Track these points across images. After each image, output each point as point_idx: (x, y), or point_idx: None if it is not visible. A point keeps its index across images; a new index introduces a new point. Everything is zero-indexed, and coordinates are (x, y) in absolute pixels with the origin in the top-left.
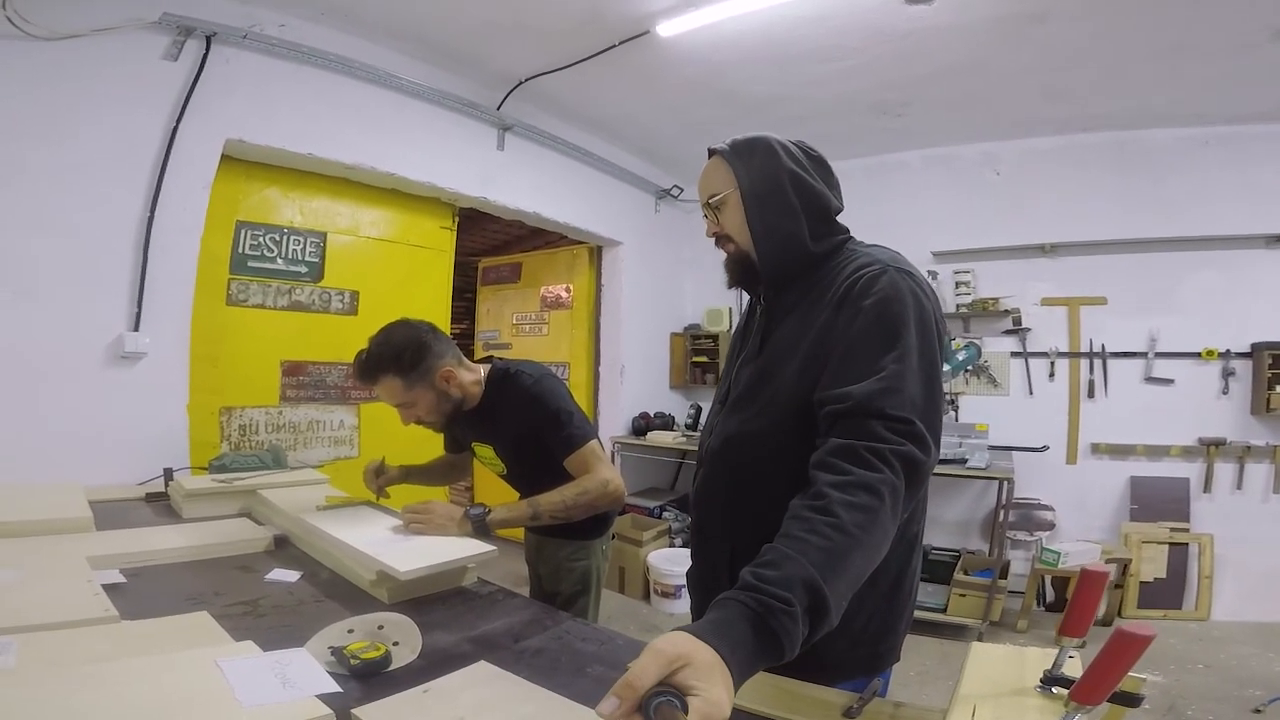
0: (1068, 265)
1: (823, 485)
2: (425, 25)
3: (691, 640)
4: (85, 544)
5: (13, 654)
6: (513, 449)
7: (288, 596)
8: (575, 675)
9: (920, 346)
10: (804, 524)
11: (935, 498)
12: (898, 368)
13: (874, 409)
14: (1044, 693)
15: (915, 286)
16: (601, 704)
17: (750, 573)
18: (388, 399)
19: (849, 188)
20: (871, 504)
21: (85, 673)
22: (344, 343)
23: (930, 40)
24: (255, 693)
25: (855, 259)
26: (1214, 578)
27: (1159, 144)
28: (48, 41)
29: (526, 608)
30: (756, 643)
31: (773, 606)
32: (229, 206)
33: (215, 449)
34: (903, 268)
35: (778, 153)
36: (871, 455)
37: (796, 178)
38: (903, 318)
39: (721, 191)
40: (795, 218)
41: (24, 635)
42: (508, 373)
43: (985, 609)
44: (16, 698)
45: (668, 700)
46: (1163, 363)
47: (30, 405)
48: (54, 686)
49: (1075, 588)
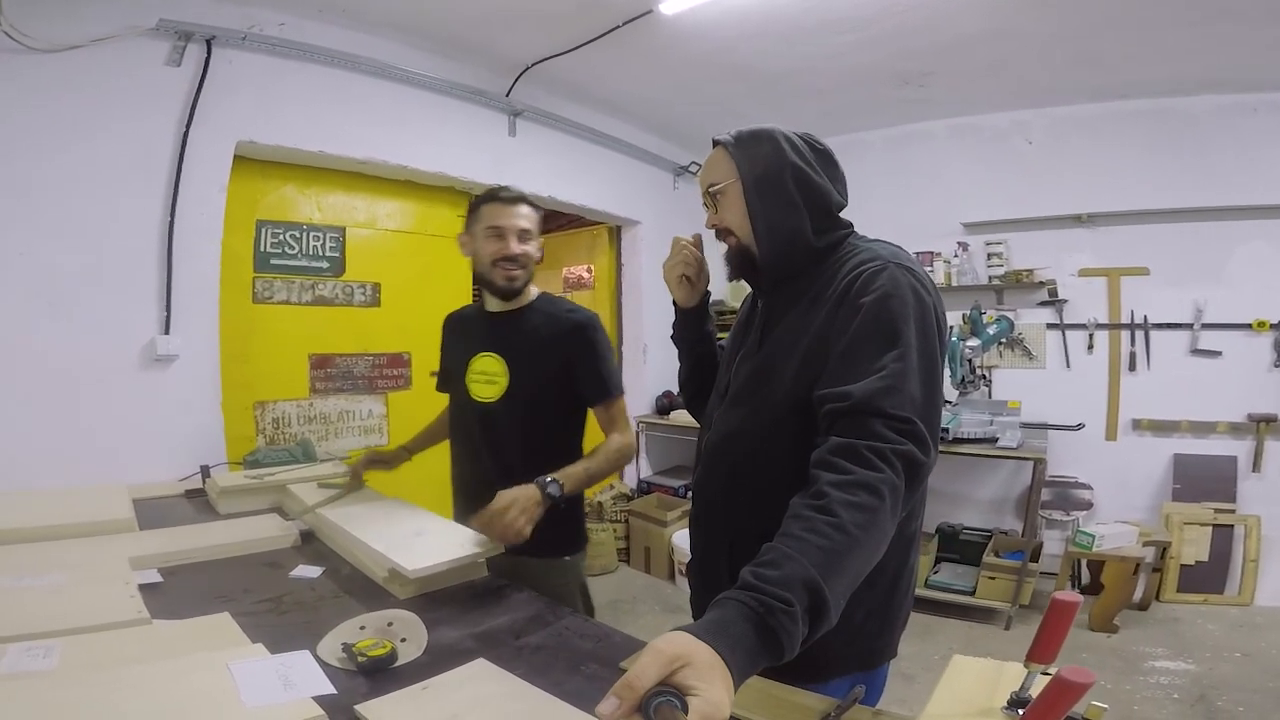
0: (1106, 235)
1: (823, 484)
2: (426, 16)
3: (691, 640)
4: (128, 545)
5: (56, 656)
6: (527, 367)
7: (309, 593)
8: (570, 673)
9: (920, 345)
10: (804, 523)
11: (967, 476)
12: (898, 366)
13: (874, 408)
14: (1009, 714)
15: (916, 283)
16: (601, 704)
17: (750, 572)
18: (521, 220)
19: (871, 159)
20: (872, 503)
21: (114, 675)
22: (368, 334)
23: (948, 9)
24: (258, 694)
25: (856, 254)
26: (1260, 561)
27: (1202, 111)
28: (49, 54)
29: (530, 604)
30: (757, 642)
31: (773, 606)
32: (248, 206)
33: (251, 442)
34: (904, 264)
35: (782, 145)
36: (872, 454)
37: (799, 171)
38: (903, 315)
39: (721, 182)
40: (797, 212)
41: (65, 638)
42: (559, 299)
43: (1015, 592)
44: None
45: (667, 700)
46: (1210, 334)
47: (72, 411)
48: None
49: (1045, 615)
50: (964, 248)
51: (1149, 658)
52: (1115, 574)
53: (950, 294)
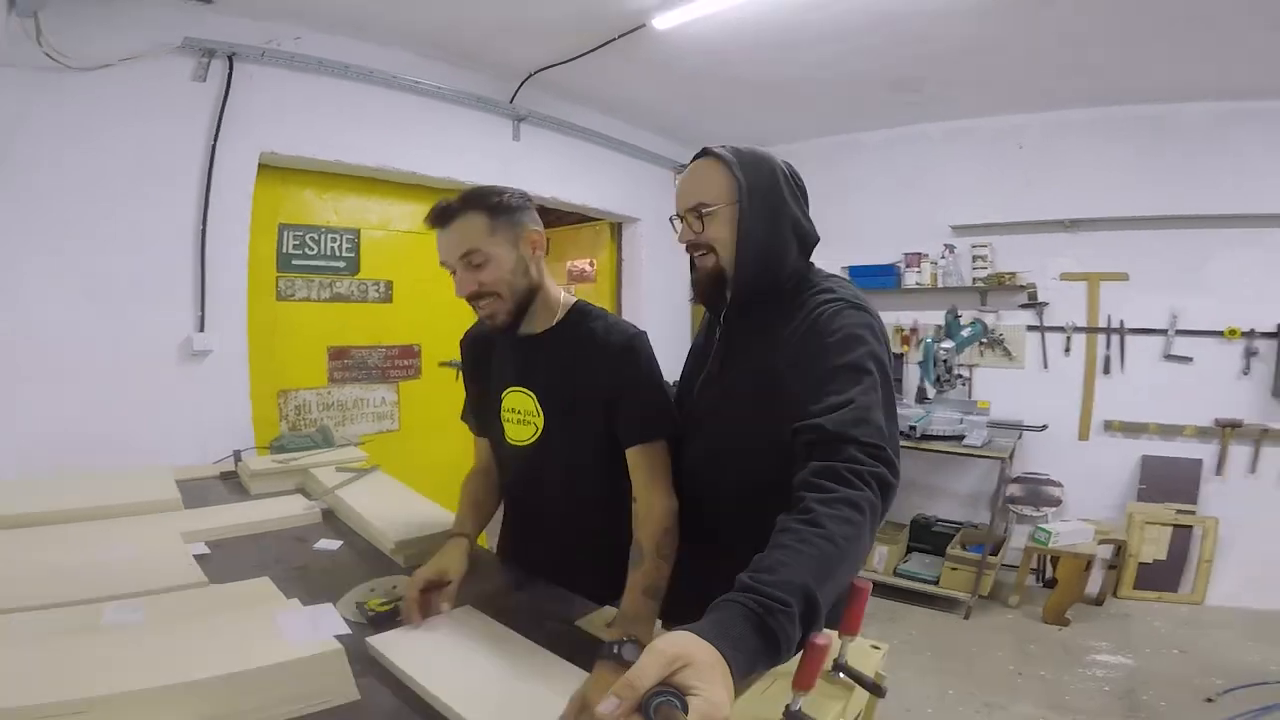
0: (1089, 240)
1: (809, 501)
2: (432, 29)
3: (693, 640)
4: (177, 521)
5: (142, 612)
6: (560, 404)
7: (330, 562)
8: (535, 627)
9: (882, 381)
10: (794, 535)
11: (945, 471)
12: (864, 399)
13: (848, 435)
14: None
15: (873, 321)
16: (601, 704)
17: (748, 576)
18: (457, 245)
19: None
20: (855, 518)
21: (192, 624)
22: (381, 328)
23: (939, 22)
24: (295, 635)
25: (817, 289)
26: (1215, 562)
27: (1193, 118)
28: (84, 71)
29: (508, 573)
30: (757, 642)
31: (772, 607)
32: (270, 211)
33: (276, 427)
34: (862, 304)
35: (778, 175)
36: (851, 475)
37: (796, 205)
38: (866, 352)
39: (716, 204)
40: (787, 243)
41: (146, 598)
42: (595, 311)
43: (975, 583)
44: (151, 644)
45: (667, 700)
46: (1183, 340)
47: (120, 401)
48: (171, 636)
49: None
50: (950, 250)
51: (1092, 651)
52: (1068, 570)
53: (935, 295)
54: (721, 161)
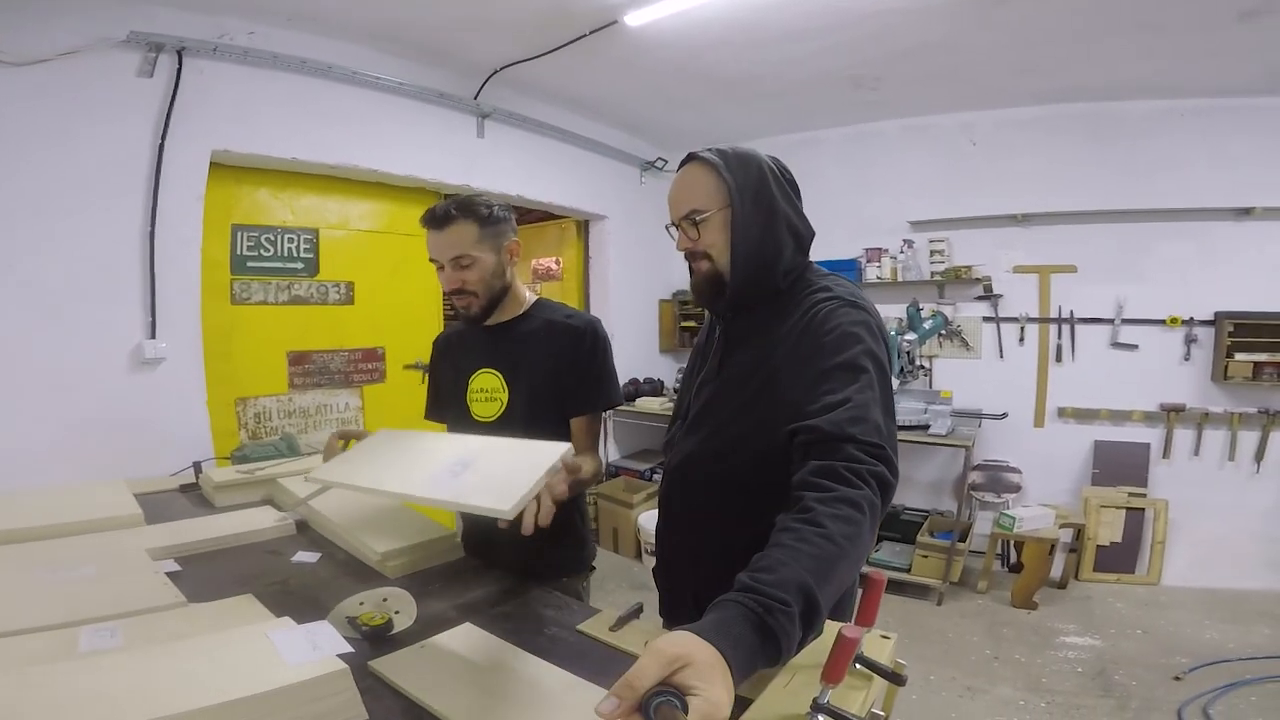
0: (1040, 234)
1: (809, 500)
2: (394, 24)
3: (693, 639)
4: (139, 537)
5: (120, 636)
6: (525, 382)
7: (311, 576)
8: (536, 635)
9: (879, 379)
10: (794, 534)
11: (910, 459)
12: (862, 398)
13: (846, 434)
14: None
15: (870, 318)
16: (601, 704)
17: (747, 576)
18: (449, 248)
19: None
20: (855, 517)
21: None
22: (343, 331)
23: (897, 21)
24: (295, 655)
25: (813, 289)
26: (1167, 543)
27: (1136, 115)
28: (20, 67)
29: (501, 580)
30: (757, 642)
31: (772, 607)
32: (223, 211)
33: (234, 437)
34: (859, 302)
35: (766, 174)
36: (851, 474)
37: (788, 203)
38: (864, 350)
39: (708, 209)
40: (782, 244)
41: (122, 621)
42: (556, 304)
43: (945, 570)
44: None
45: (667, 700)
46: (1129, 329)
47: (69, 412)
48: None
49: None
50: (909, 245)
51: (1061, 633)
52: (1033, 554)
53: (895, 289)
54: (709, 165)
